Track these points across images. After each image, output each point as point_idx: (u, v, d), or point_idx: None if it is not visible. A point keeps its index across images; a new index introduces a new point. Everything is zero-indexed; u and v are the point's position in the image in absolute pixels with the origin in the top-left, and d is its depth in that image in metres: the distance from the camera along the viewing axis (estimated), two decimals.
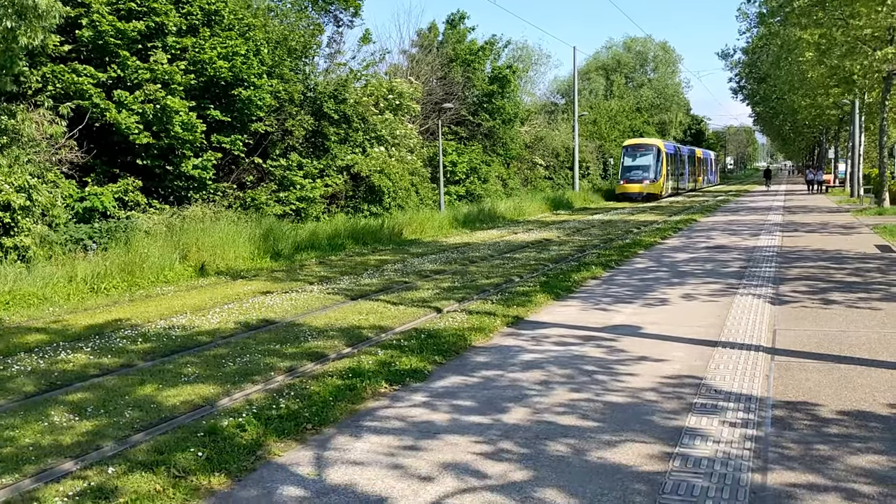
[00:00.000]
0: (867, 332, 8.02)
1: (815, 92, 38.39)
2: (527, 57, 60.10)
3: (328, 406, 5.82)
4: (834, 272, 12.55)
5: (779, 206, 34.07)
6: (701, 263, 14.40)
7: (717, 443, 4.93)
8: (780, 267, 13.42)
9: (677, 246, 18.05)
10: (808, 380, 6.29)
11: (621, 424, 5.34)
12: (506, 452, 4.90)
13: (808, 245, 16.99)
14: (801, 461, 4.57)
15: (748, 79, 63.64)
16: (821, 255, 15.07)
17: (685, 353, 7.36)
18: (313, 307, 10.84)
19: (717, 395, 5.96)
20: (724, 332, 8.21)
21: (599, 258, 15.53)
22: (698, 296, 10.74)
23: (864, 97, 35.64)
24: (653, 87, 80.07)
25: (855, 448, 4.75)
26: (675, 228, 23.21)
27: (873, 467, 4.45)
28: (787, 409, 5.57)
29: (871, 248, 16.04)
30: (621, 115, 64.08)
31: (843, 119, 46.52)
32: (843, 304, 9.67)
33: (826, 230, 20.85)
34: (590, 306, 10.21)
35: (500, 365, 7.13)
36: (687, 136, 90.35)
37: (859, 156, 39.15)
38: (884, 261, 13.88)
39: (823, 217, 26.24)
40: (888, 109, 30.80)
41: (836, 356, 7.05)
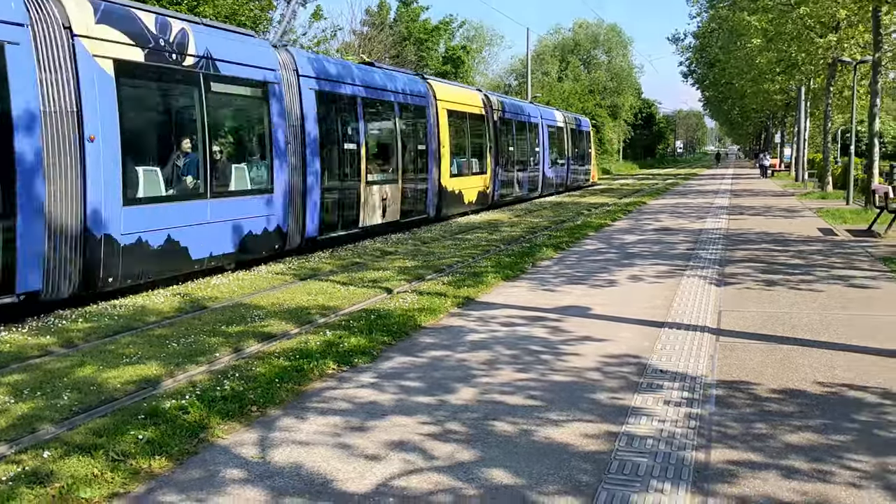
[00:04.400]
0: (809, 313, 8.20)
1: (762, 77, 39.01)
2: (480, 37, 60.00)
3: (274, 387, 5.74)
4: (778, 255, 12.81)
5: (726, 190, 34.67)
6: (649, 245, 14.57)
7: (662, 422, 4.99)
8: (725, 249, 13.65)
9: (626, 228, 18.25)
10: (751, 360, 6.41)
11: (568, 404, 5.37)
12: (453, 433, 4.89)
13: (753, 228, 17.33)
14: (742, 440, 4.65)
15: (698, 63, 64.40)
16: (765, 237, 15.38)
17: (632, 334, 7.44)
18: (261, 287, 10.70)
19: (662, 375, 6.03)
20: (670, 314, 8.31)
21: (550, 240, 15.62)
22: (646, 277, 10.86)
23: (810, 83, 36.37)
24: (605, 69, 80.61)
25: (793, 426, 4.85)
26: (625, 211, 23.45)
27: (809, 444, 4.55)
28: (729, 388, 5.67)
29: (814, 231, 16.43)
30: (574, 98, 64.44)
31: (789, 104, 47.51)
32: (787, 286, 9.88)
33: (771, 213, 21.29)
34: (540, 287, 10.25)
35: (449, 345, 7.11)
36: (638, 120, 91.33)
37: (804, 141, 40.04)
38: (826, 244, 14.23)
39: (768, 201, 26.78)
40: (832, 95, 31.52)
41: (778, 337, 7.19)
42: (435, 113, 20.05)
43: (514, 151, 26.78)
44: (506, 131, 25.98)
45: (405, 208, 17.98)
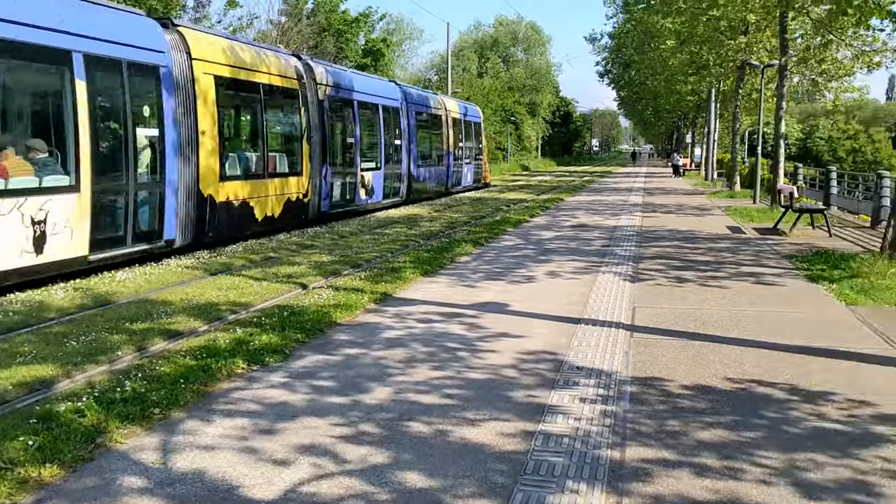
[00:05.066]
0: (719, 309, 8.37)
1: (675, 78, 40.06)
2: (401, 31, 59.78)
3: (178, 388, 5.47)
4: (689, 252, 13.11)
5: (639, 188, 35.49)
6: (566, 241, 14.71)
7: (578, 420, 4.96)
8: (639, 246, 13.89)
9: (544, 224, 18.41)
10: (664, 356, 6.48)
11: (484, 402, 5.29)
12: (366, 435, 4.74)
13: (665, 225, 17.73)
14: (656, 437, 4.66)
15: (614, 63, 65.88)
16: (677, 235, 15.74)
17: (549, 330, 7.43)
18: (169, 282, 10.29)
19: (578, 371, 6.03)
20: (586, 310, 8.36)
21: (469, 235, 15.61)
22: (563, 273, 10.93)
23: (720, 85, 37.54)
24: (524, 67, 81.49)
25: (705, 423, 4.89)
26: (543, 207, 23.70)
27: (721, 441, 4.59)
28: (643, 385, 5.70)
29: (723, 229, 16.91)
30: (494, 94, 64.89)
31: (699, 105, 48.96)
32: (698, 282, 10.09)
33: (682, 211, 21.86)
34: (458, 283, 10.18)
35: (365, 343, 6.95)
36: (556, 118, 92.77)
37: (714, 141, 41.36)
38: (734, 241, 14.65)
39: (680, 199, 27.51)
40: (741, 97, 32.61)
41: (690, 333, 7.30)
42: (185, 80, 12.83)
43: (355, 144, 19.97)
44: (341, 115, 19.49)
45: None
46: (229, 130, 15.14)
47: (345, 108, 19.76)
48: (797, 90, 32.26)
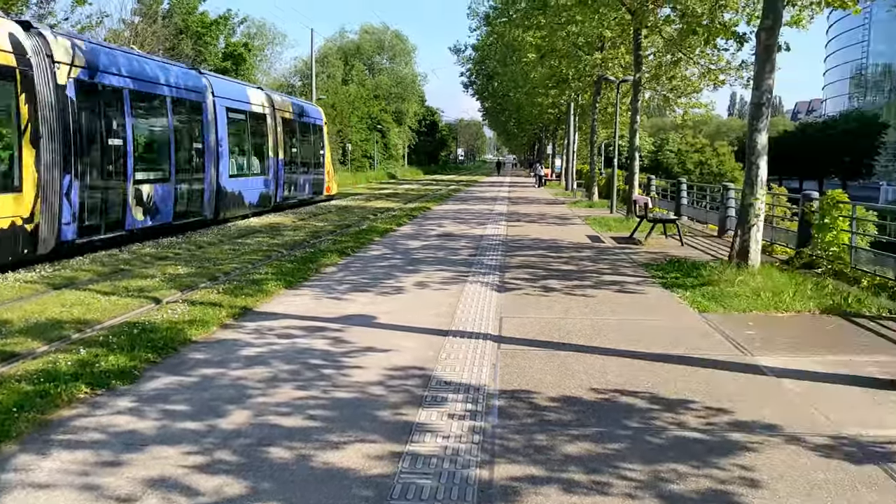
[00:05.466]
0: (582, 318, 8.52)
1: (536, 91, 41.14)
2: (263, 35, 58.43)
3: (11, 418, 4.95)
4: (552, 261, 13.37)
5: (504, 197, 36.18)
6: (434, 251, 14.68)
7: (446, 438, 4.84)
8: (505, 255, 14.05)
9: (411, 233, 18.34)
10: (532, 367, 6.48)
11: (350, 423, 5.08)
12: (222, 463, 4.43)
13: (529, 234, 18.06)
14: (524, 453, 4.60)
15: (478, 74, 67.00)
16: (541, 244, 16.05)
17: (417, 344, 7.30)
18: (6, 297, 9.44)
19: (446, 386, 5.92)
20: (454, 321, 8.29)
21: (335, 244, 15.30)
22: (431, 283, 10.86)
23: (578, 98, 38.86)
24: (390, 75, 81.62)
25: (571, 436, 4.89)
26: (410, 216, 23.67)
27: (587, 454, 4.58)
28: (511, 398, 5.65)
29: (583, 238, 17.40)
30: (360, 101, 64.57)
31: (560, 118, 50.55)
32: (561, 291, 10.26)
33: (545, 221, 22.38)
34: (324, 295, 9.90)
35: (222, 362, 6.58)
36: (422, 127, 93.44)
37: (573, 153, 42.78)
38: (594, 250, 15.08)
39: (542, 209, 28.21)
40: (598, 111, 33.87)
41: (556, 343, 7.36)
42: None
43: (125, 146, 15.04)
44: (101, 107, 14.43)
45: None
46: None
47: (108, 98, 14.78)
48: (649, 105, 33.84)
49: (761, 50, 11.13)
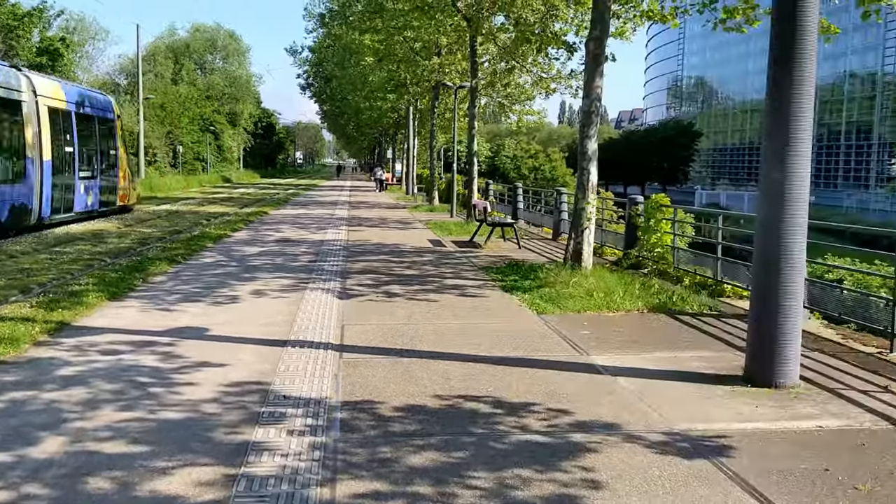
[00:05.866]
0: (425, 324, 8.46)
1: (374, 95, 41.12)
2: (83, 30, 54.79)
3: None
4: (395, 265, 13.29)
5: (344, 202, 35.85)
6: (272, 257, 14.23)
7: (285, 456, 4.59)
8: (347, 260, 13.83)
9: (247, 239, 17.72)
10: (375, 376, 6.32)
11: (179, 446, 4.71)
12: (33, 499, 3.96)
13: (371, 239, 17.92)
14: (368, 467, 4.44)
15: (315, 77, 66.06)
16: (383, 249, 15.95)
17: (254, 356, 6.96)
18: None
19: (285, 401, 5.65)
20: (293, 331, 8.00)
21: (165, 252, 14.50)
22: (269, 292, 10.47)
23: (417, 103, 39.19)
24: (223, 75, 79.02)
25: (416, 446, 4.78)
26: (247, 221, 22.90)
27: (433, 465, 4.49)
28: (354, 410, 5.47)
29: (425, 242, 17.47)
30: (191, 102, 62.05)
31: (399, 122, 50.79)
32: (404, 296, 10.18)
33: (386, 225, 22.33)
34: (152, 307, 9.29)
35: (34, 384, 5.96)
36: (258, 129, 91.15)
37: (413, 157, 43.08)
38: (436, 254, 15.16)
39: (384, 213, 28.16)
40: (437, 116, 34.28)
41: (400, 350, 7.25)
42: None
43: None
44: None
45: None
46: None
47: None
48: (485, 111, 34.66)
49: (590, 59, 11.57)
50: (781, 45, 6.07)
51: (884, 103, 66.96)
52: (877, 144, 67.68)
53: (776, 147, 6.08)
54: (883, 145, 67.32)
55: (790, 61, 6.00)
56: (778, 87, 6.10)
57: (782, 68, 6.05)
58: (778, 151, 6.07)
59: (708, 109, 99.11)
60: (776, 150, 6.08)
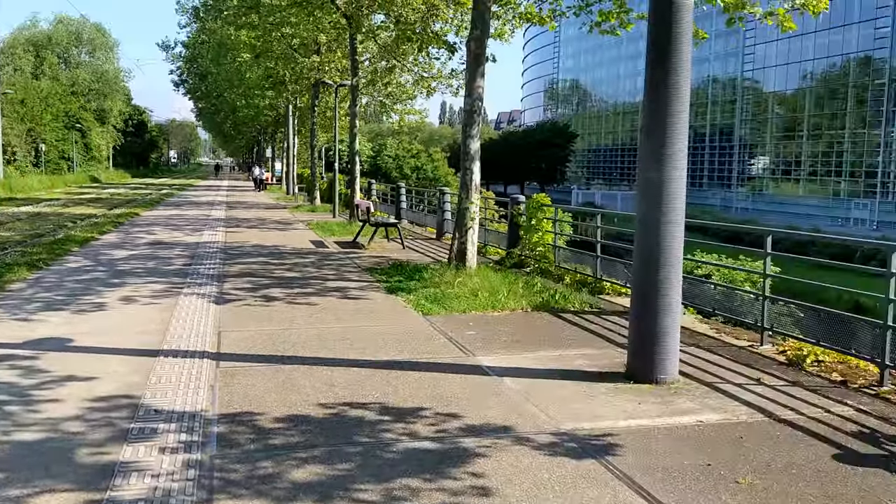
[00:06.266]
0: (307, 328, 8.20)
1: (252, 92, 40.03)
2: None
3: None
4: (275, 268, 12.89)
5: (222, 202, 34.74)
6: (143, 261, 13.52)
7: (157, 477, 4.27)
8: (224, 264, 13.31)
9: (117, 242, 16.80)
10: (255, 386, 6.03)
11: (36, 471, 4.31)
12: None
13: (249, 240, 17.37)
14: (248, 485, 4.19)
15: (189, 73, 63.68)
16: (262, 250, 15.47)
17: (123, 368, 6.51)
18: None
19: (157, 415, 5.29)
20: (167, 339, 7.56)
21: (25, 257, 13.54)
22: (140, 298, 9.90)
23: (297, 101, 38.42)
24: (90, 70, 75.10)
25: (300, 459, 4.56)
26: (116, 223, 21.78)
27: (317, 479, 4.28)
28: (232, 423, 5.18)
29: (307, 243, 17.08)
30: (55, 98, 58.64)
31: (279, 120, 49.70)
32: (285, 300, 9.85)
33: (265, 226, 21.73)
34: (8, 316, 8.60)
35: None
36: (129, 127, 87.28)
37: (293, 156, 42.25)
38: (318, 255, 14.82)
39: (263, 213, 27.44)
40: (317, 114, 33.71)
41: (280, 357, 6.97)
42: None
43: None
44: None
45: None
46: None
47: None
48: (366, 110, 34.36)
49: (471, 59, 11.58)
50: (658, 48, 6.20)
51: (744, 107, 70.94)
52: (738, 146, 71.62)
53: (654, 147, 6.20)
54: (743, 146, 71.27)
55: (667, 64, 6.13)
56: (655, 89, 6.22)
57: (659, 71, 6.17)
58: (655, 152, 6.19)
59: (583, 111, 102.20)
60: (654, 150, 6.20)
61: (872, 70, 56.91)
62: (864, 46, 57.16)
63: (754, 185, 70.01)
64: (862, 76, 58.00)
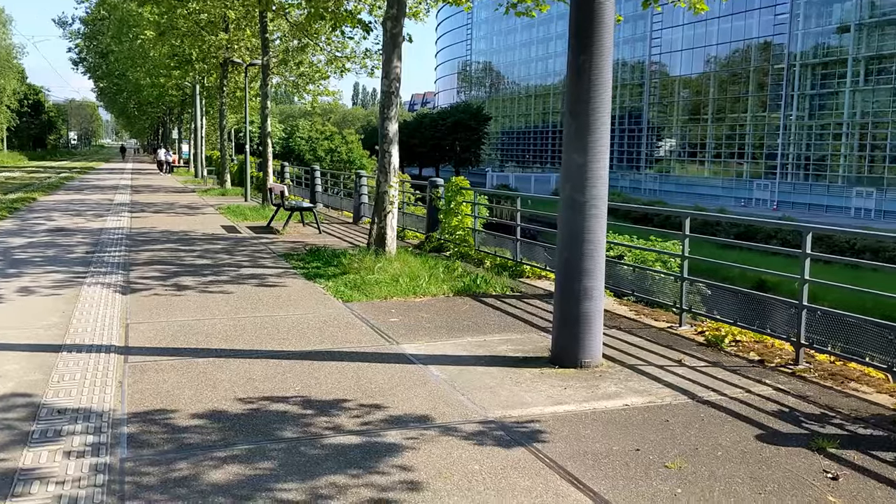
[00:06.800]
0: (222, 318, 7.87)
1: (157, 71, 38.52)
2: None
3: None
4: (184, 255, 12.40)
5: (126, 185, 33.40)
6: (42, 249, 12.79)
7: (62, 484, 3.97)
8: (130, 251, 12.72)
9: (12, 229, 15.87)
10: (167, 381, 5.72)
11: None
12: None
13: (157, 226, 16.69)
14: (162, 489, 3.93)
15: (89, 51, 60.85)
16: (171, 237, 14.87)
17: (22, 365, 6.08)
18: None
19: (61, 416, 4.94)
20: (69, 333, 7.12)
21: None
22: (39, 289, 9.33)
23: (204, 81, 37.19)
24: None
25: (218, 459, 4.31)
26: (11, 209, 20.59)
27: (237, 480, 4.05)
28: (144, 422, 4.88)
29: (218, 228, 16.52)
30: None
31: (185, 101, 48.05)
32: (197, 289, 9.46)
33: (174, 211, 20.95)
34: None
35: None
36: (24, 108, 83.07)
37: (202, 138, 40.95)
38: (230, 241, 14.35)
39: (171, 197, 26.49)
40: (226, 94, 32.69)
41: (194, 349, 6.65)
42: None
43: None
44: None
45: None
46: None
47: None
48: (278, 90, 33.52)
49: (388, 39, 11.33)
50: (580, 34, 6.13)
51: (651, 91, 72.75)
52: (646, 129, 73.48)
53: (578, 131, 6.15)
54: (651, 129, 73.16)
55: (589, 49, 6.08)
56: (578, 74, 6.16)
57: (582, 56, 6.11)
58: (580, 135, 6.14)
59: (496, 94, 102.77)
60: (578, 133, 6.15)
61: (772, 55, 59.17)
62: (765, 32, 59.36)
63: (662, 166, 71.99)
64: (762, 61, 60.23)
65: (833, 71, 54.17)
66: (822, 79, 55.14)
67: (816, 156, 56.16)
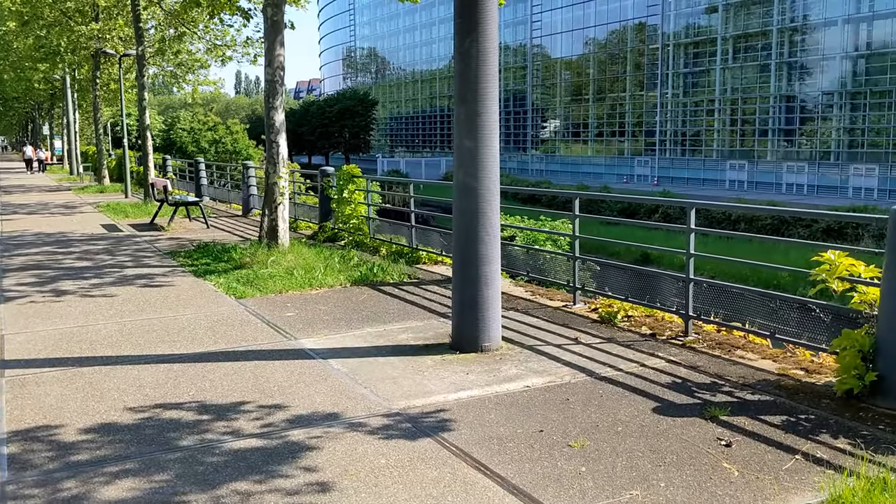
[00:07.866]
0: (107, 323, 7.49)
1: (22, 64, 36.36)
2: None
3: None
4: (62, 257, 11.76)
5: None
6: None
7: None
8: (1, 256, 11.96)
9: None
10: (50, 395, 5.39)
11: None
12: None
13: (31, 229, 15.78)
14: None
15: None
16: (46, 239, 14.08)
17: None
18: None
19: None
20: None
21: None
22: None
23: (75, 73, 35.34)
24: None
25: (110, 475, 4.09)
26: None
27: (133, 496, 3.85)
28: (26, 440, 4.58)
29: (98, 228, 15.76)
30: None
31: (55, 95, 45.57)
32: (78, 293, 8.98)
33: (48, 211, 19.87)
34: None
35: None
36: None
37: (75, 133, 38.96)
38: (111, 241, 13.71)
39: (44, 197, 25.12)
40: (100, 87, 31.17)
41: (78, 358, 6.30)
42: None
43: None
44: None
45: None
46: None
47: None
48: (155, 81, 32.21)
49: (269, 26, 11.03)
50: (466, 18, 6.11)
51: (534, 73, 74.08)
52: (531, 111, 74.83)
53: (468, 116, 6.15)
54: (536, 111, 74.58)
55: (475, 33, 6.07)
56: (465, 58, 6.15)
57: (468, 40, 6.10)
58: (470, 120, 6.14)
59: (382, 80, 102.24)
60: (468, 118, 6.15)
61: (647, 36, 61.26)
62: (639, 13, 61.36)
63: (547, 147, 73.55)
64: (638, 42, 62.27)
65: (704, 50, 56.62)
66: (694, 58, 57.56)
67: (692, 132, 58.69)
